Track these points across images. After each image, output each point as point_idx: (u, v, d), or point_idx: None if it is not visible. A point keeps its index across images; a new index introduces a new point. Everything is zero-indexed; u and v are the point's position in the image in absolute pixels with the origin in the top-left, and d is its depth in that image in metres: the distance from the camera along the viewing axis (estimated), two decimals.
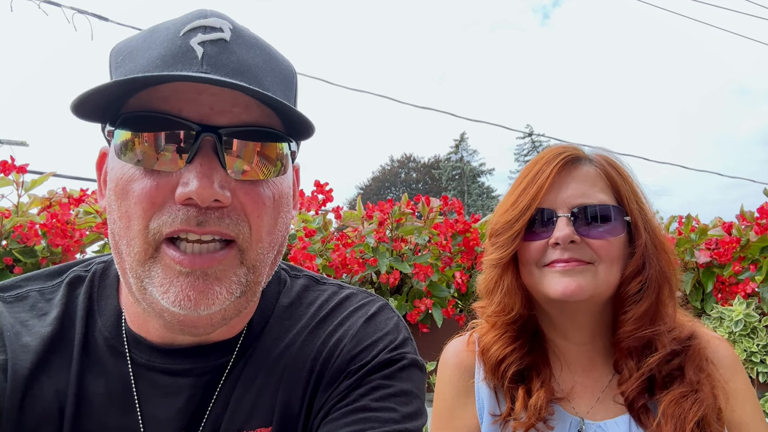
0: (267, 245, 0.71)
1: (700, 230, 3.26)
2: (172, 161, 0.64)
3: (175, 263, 0.64)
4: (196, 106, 0.65)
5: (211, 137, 0.64)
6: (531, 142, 48.92)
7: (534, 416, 1.05)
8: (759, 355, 2.77)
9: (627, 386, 1.07)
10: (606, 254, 1.05)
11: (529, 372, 1.13)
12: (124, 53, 0.70)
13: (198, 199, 0.63)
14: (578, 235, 1.05)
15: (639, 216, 1.09)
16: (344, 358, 0.78)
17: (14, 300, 0.78)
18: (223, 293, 0.66)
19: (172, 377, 0.75)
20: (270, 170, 0.70)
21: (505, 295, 1.13)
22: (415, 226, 2.78)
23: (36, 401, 0.70)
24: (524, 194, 1.10)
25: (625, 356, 1.09)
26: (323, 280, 0.92)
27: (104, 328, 0.77)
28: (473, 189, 48.94)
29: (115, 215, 0.67)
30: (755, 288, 2.96)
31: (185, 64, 0.64)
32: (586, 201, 1.07)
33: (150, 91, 0.65)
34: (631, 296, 1.07)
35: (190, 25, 0.66)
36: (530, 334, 1.16)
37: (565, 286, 1.03)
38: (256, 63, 0.68)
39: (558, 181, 1.09)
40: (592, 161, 1.12)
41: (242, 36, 0.69)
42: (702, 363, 1.07)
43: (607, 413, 1.09)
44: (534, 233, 1.09)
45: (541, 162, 1.12)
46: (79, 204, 2.43)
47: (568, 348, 1.16)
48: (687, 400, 1.01)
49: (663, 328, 1.08)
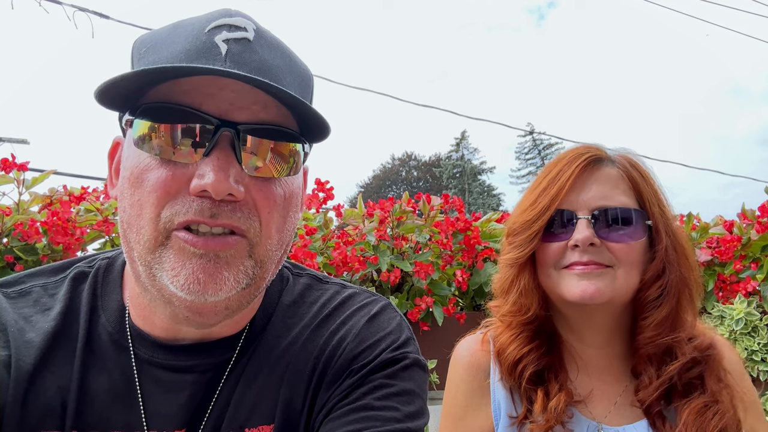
0: (276, 242, 0.72)
1: (702, 229, 3.26)
2: (189, 153, 0.65)
3: (188, 245, 0.65)
4: (216, 101, 0.66)
5: (229, 132, 0.65)
6: (532, 140, 48.90)
7: (553, 419, 1.03)
8: (760, 354, 2.77)
9: (646, 393, 1.05)
10: (626, 258, 1.04)
11: (546, 373, 1.10)
12: (148, 45, 0.70)
13: (213, 192, 0.64)
14: (598, 237, 1.03)
15: (660, 220, 1.07)
16: (347, 357, 0.78)
17: (18, 295, 0.78)
18: (230, 280, 0.67)
19: (175, 373, 0.75)
20: (283, 168, 0.71)
21: (521, 295, 1.12)
22: (416, 224, 2.78)
23: (39, 397, 0.70)
24: (544, 194, 1.08)
25: (644, 362, 1.07)
26: (326, 279, 0.92)
27: (108, 323, 0.77)
28: (474, 187, 48.94)
29: (127, 203, 0.68)
30: (756, 286, 2.96)
31: (209, 59, 0.65)
32: (607, 203, 1.05)
33: (172, 83, 0.66)
34: (650, 301, 1.06)
35: (215, 22, 0.68)
36: (547, 335, 1.14)
37: (583, 289, 1.02)
38: (276, 64, 0.70)
39: (579, 182, 1.07)
40: (614, 162, 1.10)
41: (264, 37, 0.71)
42: (721, 373, 1.06)
43: (625, 418, 1.08)
44: (553, 234, 1.07)
45: (562, 162, 1.10)
46: (80, 202, 2.43)
47: (585, 351, 1.14)
48: (709, 410, 1.00)
49: (683, 335, 1.06)
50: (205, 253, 0.65)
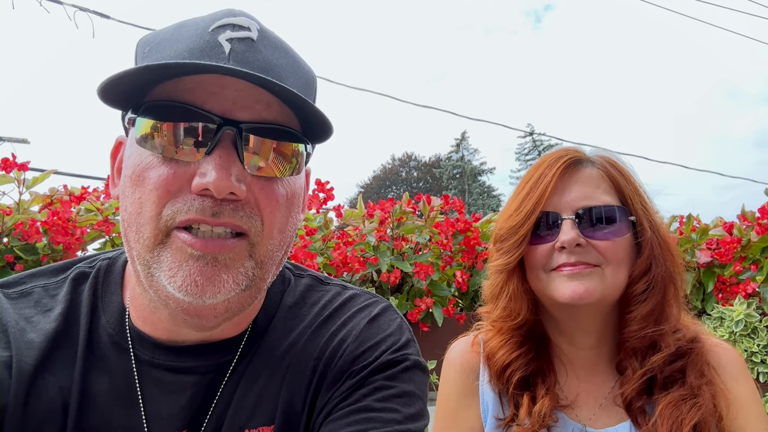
0: (277, 242, 0.72)
1: (701, 230, 3.26)
2: (192, 152, 0.65)
3: (186, 245, 0.65)
4: (219, 100, 0.66)
5: (231, 131, 0.65)
6: (532, 141, 48.91)
7: (537, 423, 1.05)
8: (759, 355, 2.77)
9: (628, 386, 1.06)
10: (612, 256, 1.05)
11: (534, 378, 1.12)
12: (152, 44, 0.70)
13: (215, 191, 0.64)
14: (584, 237, 1.05)
15: (643, 216, 1.09)
16: (347, 359, 0.78)
17: (18, 296, 0.78)
18: (229, 282, 0.67)
19: (176, 375, 0.75)
20: (285, 168, 0.71)
21: (510, 300, 1.13)
22: (416, 225, 2.79)
23: (40, 398, 0.70)
24: (528, 199, 1.10)
25: (629, 356, 1.09)
26: (327, 280, 0.92)
27: (108, 324, 0.77)
28: (474, 188, 48.96)
29: (128, 201, 0.68)
30: (756, 288, 2.96)
31: (212, 58, 0.65)
32: (590, 203, 1.06)
33: (175, 82, 0.66)
34: (636, 296, 1.07)
35: (219, 22, 0.68)
36: (536, 339, 1.15)
37: (573, 290, 1.03)
38: (280, 63, 0.70)
39: (561, 185, 1.09)
40: (593, 163, 1.12)
41: (268, 37, 0.71)
42: (703, 368, 1.06)
43: (609, 420, 1.09)
44: (539, 237, 1.09)
45: (543, 166, 1.11)
46: (80, 201, 2.43)
47: (574, 353, 1.15)
48: (686, 403, 1.01)
49: (667, 328, 1.07)
50: (203, 255, 0.65)
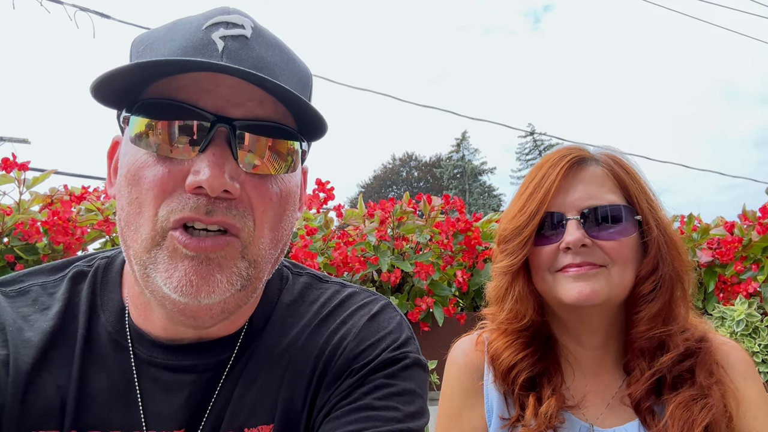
0: (269, 241, 0.71)
1: (702, 230, 3.25)
2: (186, 150, 0.65)
3: (181, 246, 0.65)
4: (212, 97, 0.66)
5: (225, 128, 0.65)
6: (533, 140, 48.88)
7: (544, 424, 1.03)
8: (761, 355, 2.76)
9: (636, 387, 1.04)
10: (618, 256, 1.03)
11: (540, 379, 1.10)
12: (146, 43, 0.71)
13: (208, 188, 0.64)
14: (589, 237, 1.03)
15: (650, 214, 1.07)
16: (347, 357, 0.78)
17: (16, 294, 0.78)
18: (224, 282, 0.67)
19: (174, 373, 0.75)
20: (280, 166, 0.70)
21: (516, 302, 1.11)
22: (417, 224, 2.78)
23: (38, 396, 0.70)
24: (531, 199, 1.07)
25: (637, 357, 1.07)
26: (326, 278, 0.91)
27: (107, 322, 0.77)
28: (475, 188, 48.91)
29: (125, 201, 0.68)
30: (757, 288, 2.95)
31: (205, 55, 0.65)
32: (595, 202, 1.04)
33: (169, 80, 0.66)
34: (644, 296, 1.05)
35: (212, 19, 0.68)
36: (542, 340, 1.14)
37: (579, 291, 1.01)
38: (274, 61, 0.69)
39: (565, 184, 1.06)
40: (598, 161, 1.10)
41: (262, 35, 0.70)
42: (712, 367, 1.05)
43: (617, 419, 1.07)
44: (544, 238, 1.07)
45: (546, 165, 1.09)
46: (80, 201, 2.43)
47: (581, 353, 1.14)
48: (696, 404, 0.99)
49: (675, 328, 1.06)
50: (196, 255, 0.65)
